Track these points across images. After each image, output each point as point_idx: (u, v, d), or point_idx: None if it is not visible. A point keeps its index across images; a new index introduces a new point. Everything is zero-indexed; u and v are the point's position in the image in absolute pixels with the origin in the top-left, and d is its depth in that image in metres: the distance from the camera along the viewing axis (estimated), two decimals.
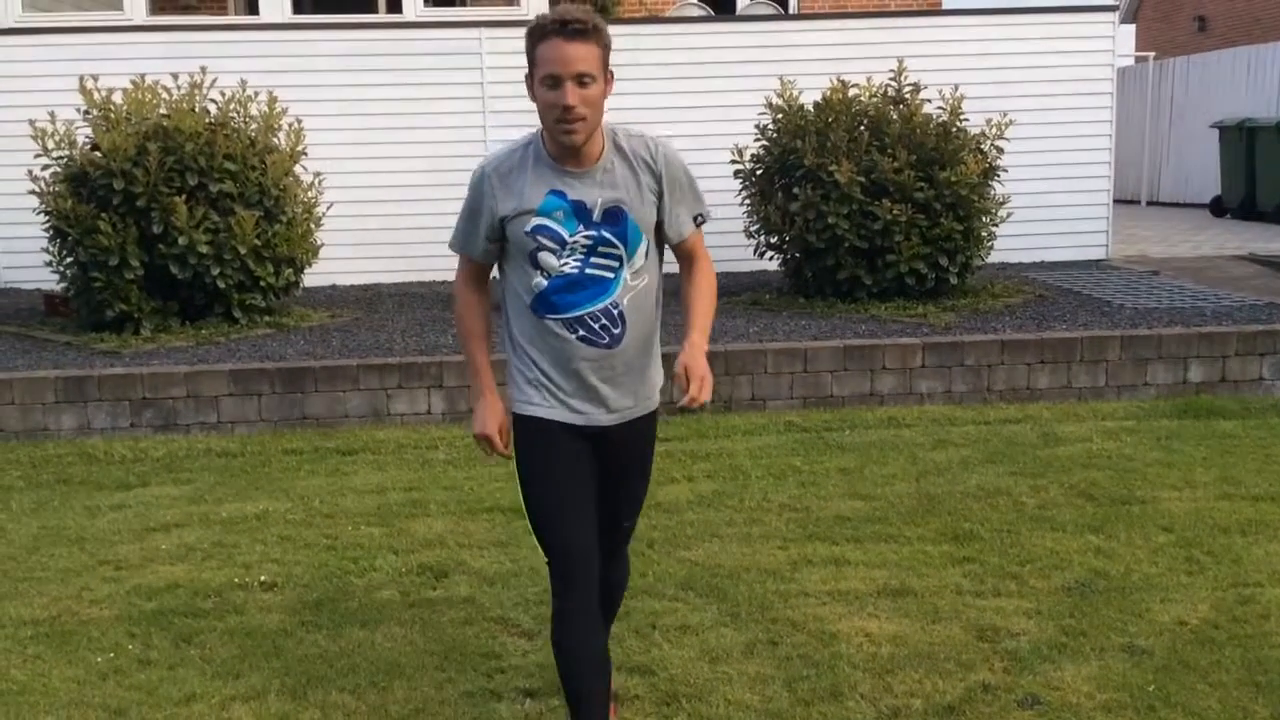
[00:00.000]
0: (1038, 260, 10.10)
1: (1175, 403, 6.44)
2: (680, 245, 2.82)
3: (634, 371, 2.76)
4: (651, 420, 2.89)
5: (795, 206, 7.77)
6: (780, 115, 8.14)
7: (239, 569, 4.31)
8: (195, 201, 7.23)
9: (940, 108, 8.05)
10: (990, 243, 8.23)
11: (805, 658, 3.51)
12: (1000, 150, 8.12)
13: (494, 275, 2.87)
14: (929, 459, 5.51)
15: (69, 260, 7.36)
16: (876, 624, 3.74)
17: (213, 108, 7.65)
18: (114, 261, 7.06)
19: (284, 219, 7.64)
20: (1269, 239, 11.79)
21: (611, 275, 2.68)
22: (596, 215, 2.65)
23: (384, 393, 6.33)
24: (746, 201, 8.25)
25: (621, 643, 3.56)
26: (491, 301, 2.91)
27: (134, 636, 3.76)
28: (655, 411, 2.90)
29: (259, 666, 3.54)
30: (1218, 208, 14.91)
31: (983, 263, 8.40)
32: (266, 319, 7.72)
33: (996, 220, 8.18)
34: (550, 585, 2.75)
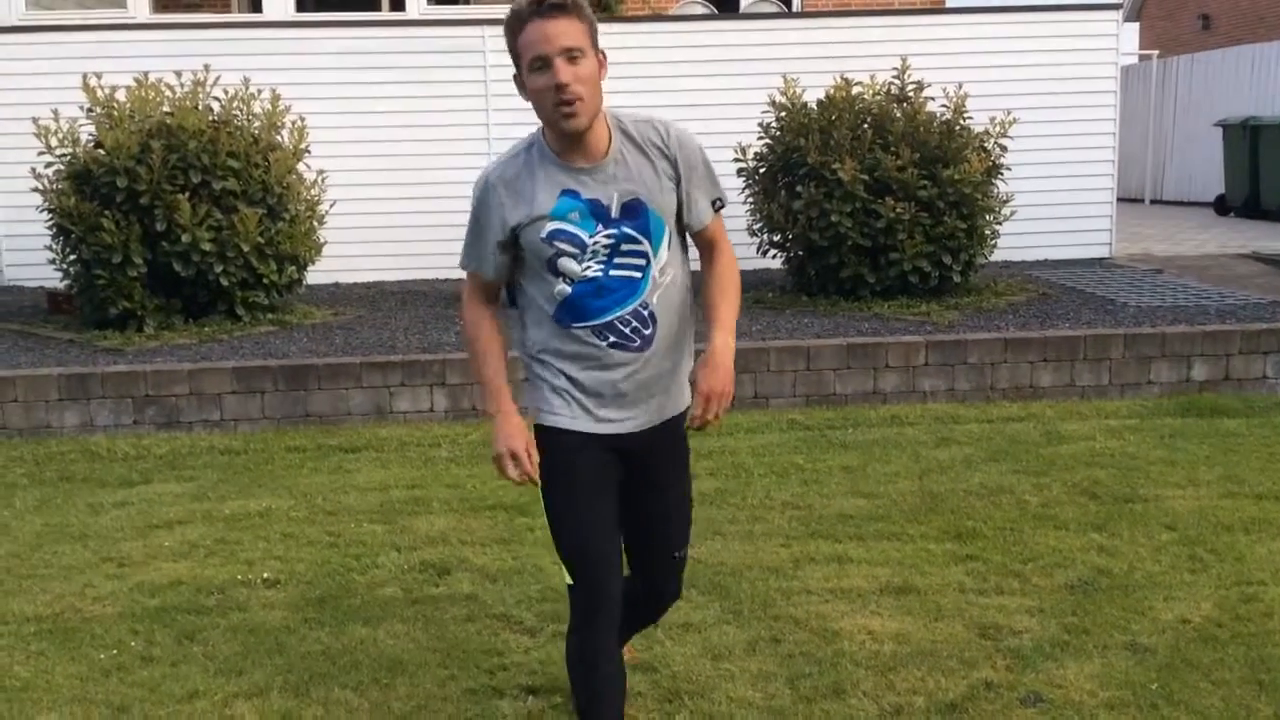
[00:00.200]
0: (1041, 258, 10.09)
1: (1179, 401, 6.43)
2: (701, 233, 2.67)
3: (666, 371, 2.62)
4: (681, 422, 2.70)
5: (798, 204, 7.77)
6: (784, 113, 8.14)
7: (242, 566, 4.32)
8: (198, 199, 7.23)
9: (944, 106, 8.05)
10: (993, 241, 8.22)
11: (807, 655, 3.51)
12: (1004, 148, 8.11)
13: (503, 298, 2.71)
14: (932, 457, 5.50)
15: (72, 258, 7.37)
16: (879, 622, 3.73)
17: (216, 105, 7.66)
18: (117, 259, 7.07)
19: (287, 216, 7.65)
20: (1273, 237, 11.77)
21: (639, 275, 2.52)
22: (615, 211, 2.48)
23: (387, 390, 6.33)
24: (750, 200, 8.25)
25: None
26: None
27: (137, 633, 3.77)
28: (687, 410, 2.70)
29: (261, 663, 3.54)
30: (1221, 206, 14.89)
31: (986, 261, 8.39)
32: (269, 317, 7.73)
33: (1000, 218, 8.17)
34: (569, 597, 2.62)
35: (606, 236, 2.48)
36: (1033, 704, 3.21)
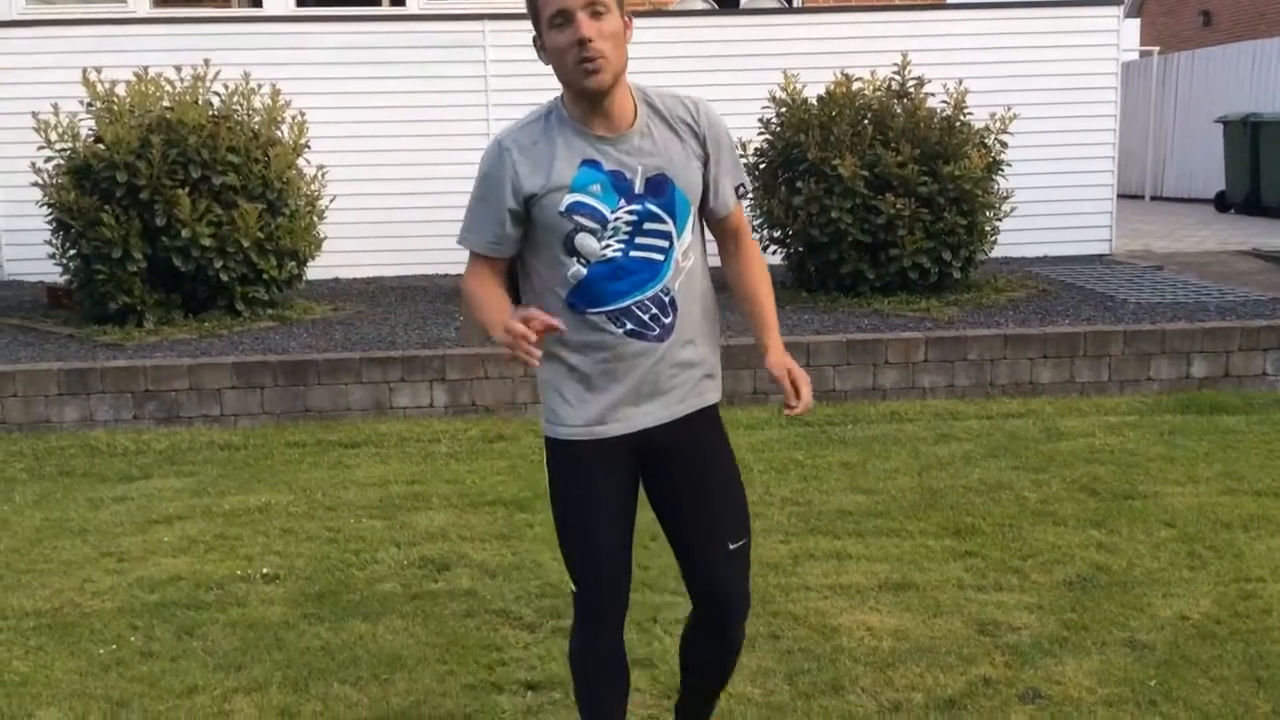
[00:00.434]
0: (1041, 255, 10.09)
1: (1178, 398, 6.43)
2: (724, 220, 2.48)
3: (685, 364, 2.43)
4: (712, 413, 2.53)
5: (798, 200, 7.76)
6: (784, 109, 8.14)
7: (241, 561, 4.32)
8: (198, 194, 7.23)
9: (944, 102, 8.04)
10: (993, 237, 8.22)
11: (806, 651, 3.51)
12: (1004, 144, 8.11)
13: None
14: (931, 453, 5.50)
15: (72, 252, 7.37)
16: (878, 618, 3.74)
17: (216, 100, 7.65)
18: (117, 254, 7.07)
19: (287, 212, 7.64)
20: (1273, 234, 11.76)
21: (661, 257, 2.33)
22: (638, 186, 2.29)
23: (386, 386, 6.33)
24: (749, 196, 8.24)
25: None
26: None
27: (136, 628, 3.77)
28: (715, 407, 2.55)
29: (261, 659, 3.54)
30: (1222, 203, 14.88)
31: (986, 257, 8.39)
32: (269, 312, 7.73)
33: (1000, 214, 8.16)
34: (573, 601, 2.51)
35: (629, 213, 2.29)
36: (1031, 700, 3.21)
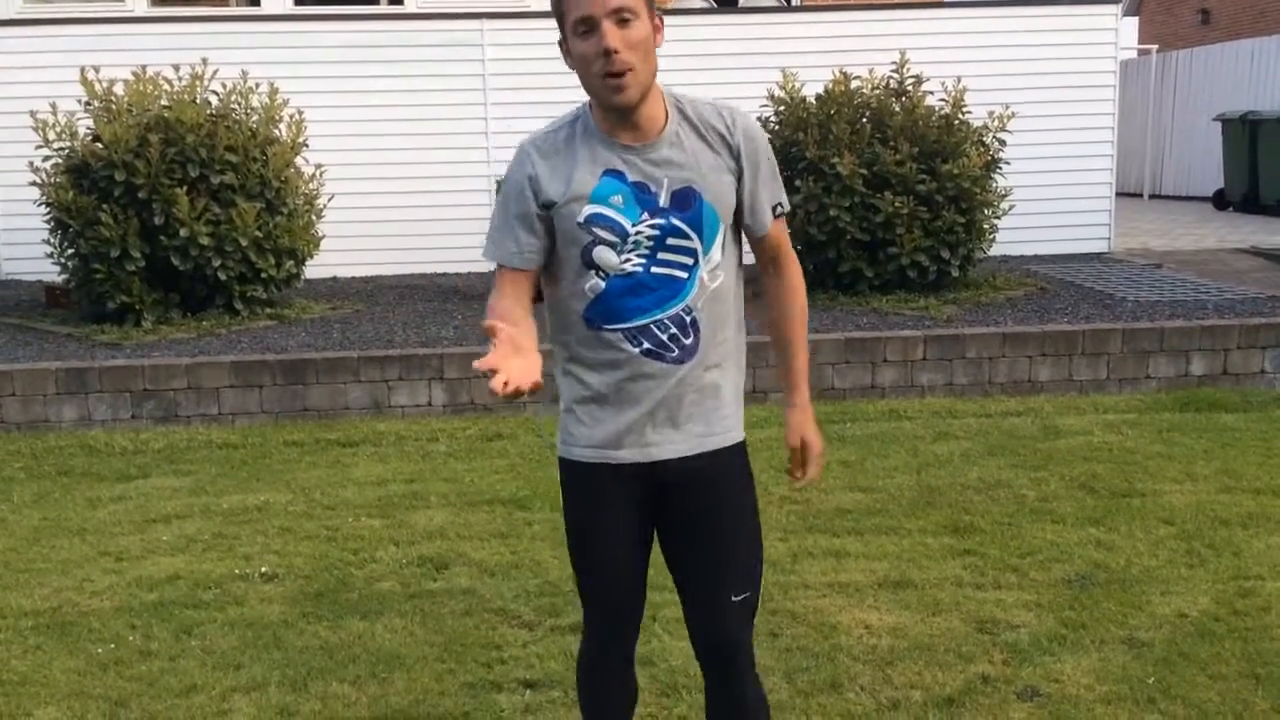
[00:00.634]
0: (1039, 253, 10.09)
1: (1176, 395, 6.43)
2: (762, 240, 2.36)
3: (707, 391, 2.27)
4: (736, 455, 2.36)
5: (797, 199, 7.76)
6: (782, 108, 8.13)
7: (239, 560, 4.32)
8: (196, 193, 7.22)
9: (942, 100, 8.04)
10: (992, 235, 8.22)
11: (805, 649, 3.51)
12: (1002, 142, 8.11)
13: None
14: (930, 451, 5.50)
15: (70, 252, 7.36)
16: (876, 616, 3.74)
17: (214, 99, 7.65)
18: (115, 253, 7.06)
19: (285, 211, 7.64)
20: (1271, 232, 11.77)
21: (685, 274, 2.20)
22: (663, 199, 2.18)
23: (385, 385, 6.33)
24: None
25: None
26: None
27: (135, 628, 3.77)
28: (741, 445, 2.37)
29: (259, 658, 3.54)
30: (1220, 201, 14.88)
31: (984, 255, 8.39)
32: (267, 311, 7.73)
33: (998, 213, 8.17)
34: (584, 619, 2.47)
35: (651, 227, 2.18)
36: (1029, 698, 3.21)
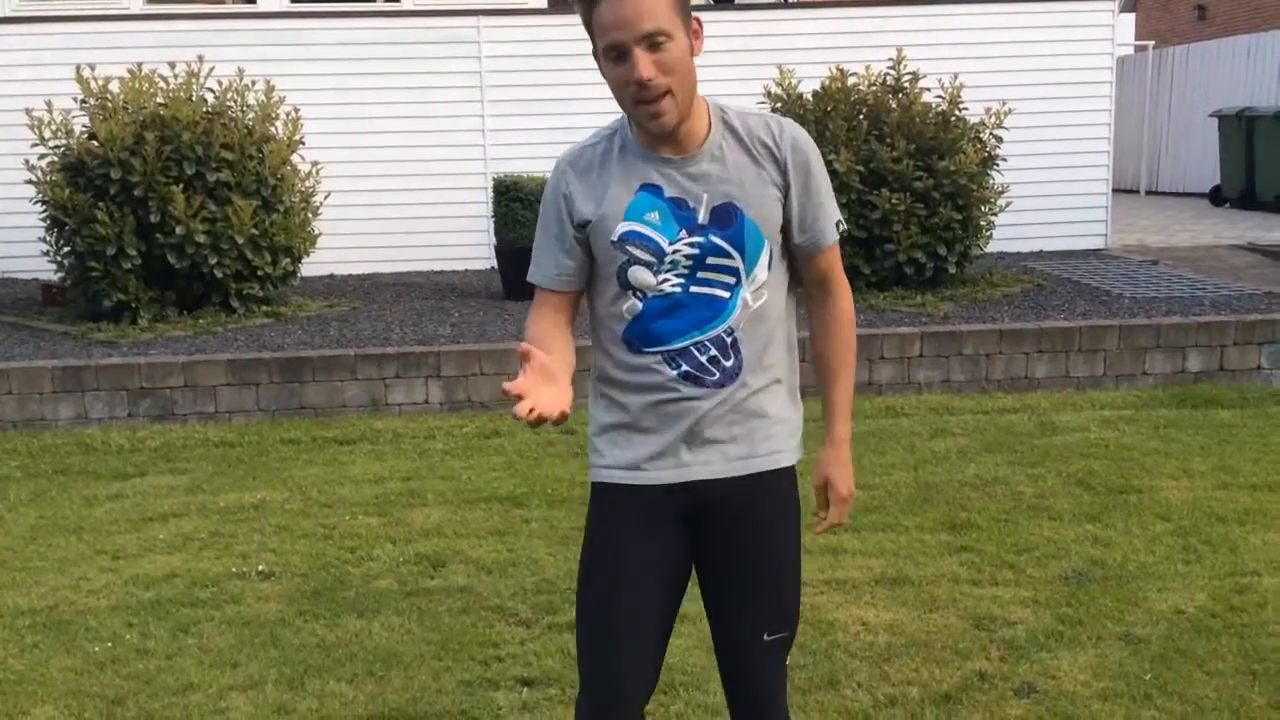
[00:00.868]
0: (1036, 249, 10.10)
1: (1173, 392, 6.44)
2: (812, 261, 2.19)
3: (750, 413, 2.13)
4: (780, 481, 2.17)
5: None
6: (779, 104, 8.12)
7: (236, 558, 4.31)
8: (192, 191, 7.21)
9: (939, 97, 8.03)
10: (989, 232, 8.23)
11: (802, 646, 3.51)
12: (999, 139, 8.10)
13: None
14: (927, 448, 5.51)
15: (66, 250, 7.36)
16: (874, 613, 3.74)
17: (210, 97, 7.64)
18: (111, 251, 7.05)
19: (281, 208, 7.63)
20: (1268, 228, 11.77)
21: (726, 294, 2.07)
22: (702, 216, 2.04)
23: (382, 382, 6.32)
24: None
25: None
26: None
27: (131, 626, 3.76)
28: (789, 471, 2.19)
29: (256, 656, 3.54)
30: (1217, 197, 14.89)
31: (981, 252, 8.39)
32: (264, 308, 7.72)
33: (995, 209, 8.17)
34: (578, 670, 2.21)
35: (690, 245, 2.04)
36: (1026, 694, 3.22)
